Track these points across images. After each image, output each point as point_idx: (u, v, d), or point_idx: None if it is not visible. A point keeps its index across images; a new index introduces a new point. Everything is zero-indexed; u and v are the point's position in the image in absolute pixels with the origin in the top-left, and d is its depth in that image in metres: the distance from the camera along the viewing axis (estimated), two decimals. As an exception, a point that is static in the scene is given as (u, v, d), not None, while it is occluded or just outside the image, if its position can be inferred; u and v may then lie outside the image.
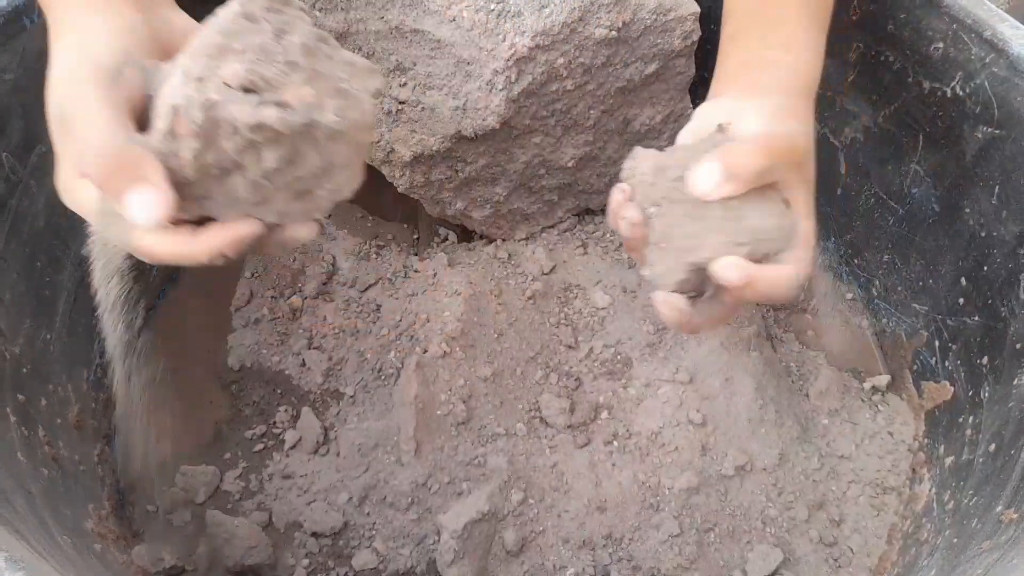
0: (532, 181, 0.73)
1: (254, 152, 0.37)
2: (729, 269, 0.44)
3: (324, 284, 0.73)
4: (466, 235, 0.79)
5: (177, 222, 0.39)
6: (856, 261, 0.77)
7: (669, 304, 0.46)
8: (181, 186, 0.38)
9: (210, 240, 0.40)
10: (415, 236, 0.78)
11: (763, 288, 0.45)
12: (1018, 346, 0.58)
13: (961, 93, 0.61)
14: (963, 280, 0.64)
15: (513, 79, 0.63)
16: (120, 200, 0.37)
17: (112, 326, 0.48)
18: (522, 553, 0.59)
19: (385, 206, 0.79)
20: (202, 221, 0.40)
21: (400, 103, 0.68)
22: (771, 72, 0.50)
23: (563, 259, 0.75)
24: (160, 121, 0.37)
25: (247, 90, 0.36)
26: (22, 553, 0.37)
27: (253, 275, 0.73)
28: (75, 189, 0.40)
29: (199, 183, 0.38)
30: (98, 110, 0.38)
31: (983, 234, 0.62)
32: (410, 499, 0.60)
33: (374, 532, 0.61)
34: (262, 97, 0.36)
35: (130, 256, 0.43)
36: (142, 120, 0.39)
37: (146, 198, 0.37)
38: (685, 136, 0.49)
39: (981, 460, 0.58)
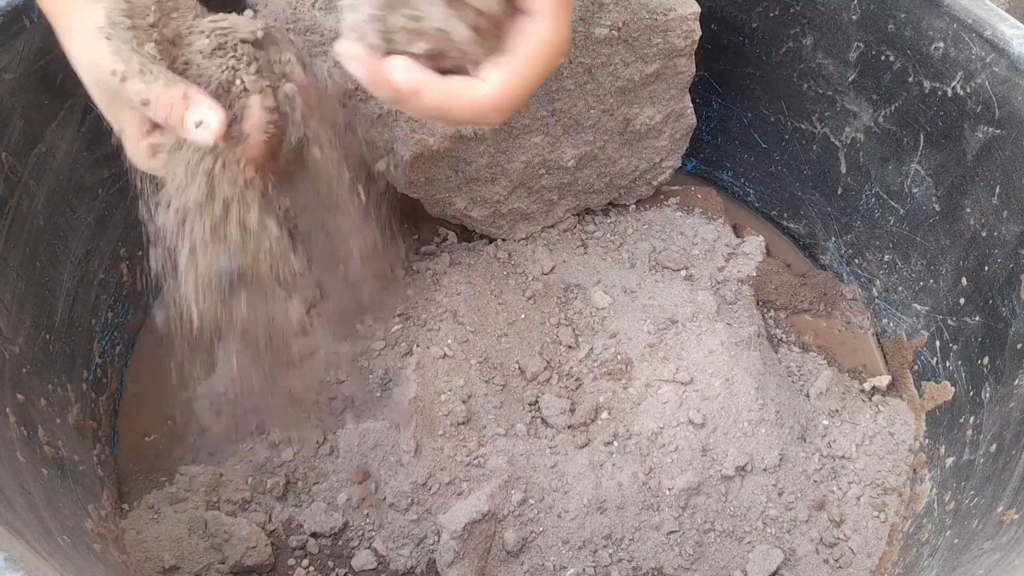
0: (532, 181, 0.73)
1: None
2: (350, 62, 0.39)
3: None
4: (466, 235, 0.78)
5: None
6: (857, 261, 0.77)
7: (345, 53, 0.39)
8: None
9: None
10: (415, 236, 0.78)
11: (433, 103, 0.39)
12: (1019, 346, 0.58)
13: (962, 93, 0.61)
14: (964, 280, 0.64)
15: (513, 79, 0.63)
16: (183, 126, 0.42)
17: None
18: (522, 553, 0.59)
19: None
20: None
21: (400, 103, 0.68)
22: None
23: (563, 259, 0.75)
24: None
25: None
26: (21, 553, 0.37)
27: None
28: (143, 151, 0.44)
29: None
30: (132, 64, 0.41)
31: (984, 234, 0.62)
32: (410, 499, 0.60)
33: (374, 532, 0.61)
34: None
35: None
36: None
37: (202, 113, 0.42)
38: None
39: (982, 460, 0.58)
